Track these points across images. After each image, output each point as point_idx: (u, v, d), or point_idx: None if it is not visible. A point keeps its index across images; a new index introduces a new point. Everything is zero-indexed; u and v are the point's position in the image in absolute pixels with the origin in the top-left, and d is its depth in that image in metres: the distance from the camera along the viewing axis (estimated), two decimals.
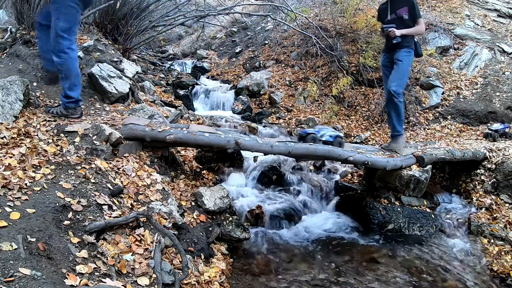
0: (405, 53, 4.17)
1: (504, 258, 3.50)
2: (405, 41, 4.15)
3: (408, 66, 4.24)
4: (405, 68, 4.19)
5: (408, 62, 4.23)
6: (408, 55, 4.19)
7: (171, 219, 2.66)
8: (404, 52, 4.17)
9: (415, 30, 4.18)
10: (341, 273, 3.13)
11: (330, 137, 4.02)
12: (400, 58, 4.19)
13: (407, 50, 4.17)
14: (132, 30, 6.43)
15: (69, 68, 3.21)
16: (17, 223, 1.86)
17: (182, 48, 12.42)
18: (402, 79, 4.26)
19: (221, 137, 3.38)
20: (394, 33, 4.09)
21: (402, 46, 4.16)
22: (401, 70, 4.19)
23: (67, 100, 3.26)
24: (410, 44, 4.18)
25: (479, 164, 4.70)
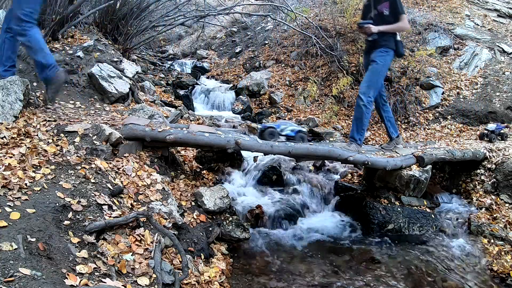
0: (381, 53, 3.84)
1: (504, 258, 3.50)
2: (383, 39, 3.82)
3: (383, 67, 3.89)
4: (378, 69, 3.86)
5: (383, 62, 3.86)
6: (384, 55, 3.85)
7: (171, 219, 2.66)
8: (380, 52, 3.84)
9: (395, 27, 3.80)
10: (341, 273, 3.13)
11: (292, 131, 3.82)
12: (375, 58, 3.86)
13: (384, 50, 3.84)
14: (132, 30, 6.43)
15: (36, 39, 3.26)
16: (17, 223, 1.86)
17: (182, 48, 12.42)
18: (373, 82, 3.88)
19: (221, 137, 3.38)
20: (370, 30, 3.76)
21: (380, 45, 3.84)
22: (373, 72, 3.86)
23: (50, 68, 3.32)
24: (389, 43, 3.83)
25: (479, 164, 4.70)
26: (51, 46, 4.50)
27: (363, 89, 3.86)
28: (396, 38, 3.88)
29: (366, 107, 3.85)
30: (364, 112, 3.86)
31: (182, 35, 13.65)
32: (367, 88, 3.85)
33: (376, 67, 3.85)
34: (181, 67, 9.86)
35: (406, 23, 3.88)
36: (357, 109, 3.91)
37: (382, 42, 3.82)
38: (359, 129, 3.96)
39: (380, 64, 3.85)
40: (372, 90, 3.87)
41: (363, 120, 3.90)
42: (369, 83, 3.87)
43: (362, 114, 3.86)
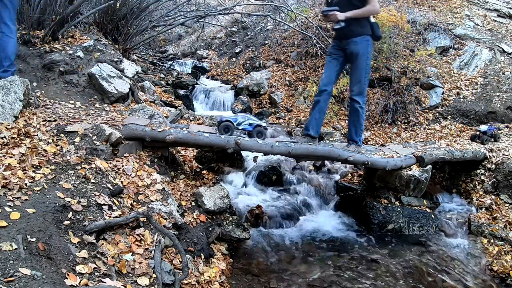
0: (360, 44, 3.52)
1: (504, 258, 3.50)
2: (358, 26, 3.48)
3: (368, 59, 3.62)
4: (363, 64, 3.60)
5: (367, 54, 3.58)
6: (365, 45, 3.55)
7: (171, 219, 2.66)
8: (359, 42, 3.52)
9: (364, 11, 3.43)
10: (341, 273, 3.13)
11: (250, 126, 3.64)
12: (356, 50, 3.53)
13: (363, 39, 3.53)
14: (132, 30, 6.43)
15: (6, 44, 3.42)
16: (17, 223, 1.86)
17: (182, 48, 12.42)
18: (363, 79, 3.66)
19: (221, 137, 3.38)
20: (336, 17, 3.42)
21: (356, 34, 3.50)
22: (360, 69, 3.60)
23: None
24: (365, 29, 3.51)
25: (479, 164, 4.70)
26: (51, 46, 4.50)
27: (355, 90, 3.68)
28: (371, 20, 3.57)
29: (362, 108, 3.74)
30: (360, 114, 3.75)
31: (182, 35, 13.65)
32: (359, 87, 3.68)
33: (361, 62, 3.59)
34: (181, 67, 9.85)
35: (375, 6, 3.49)
36: (354, 113, 3.78)
37: (358, 29, 3.49)
38: (357, 131, 3.86)
39: (365, 57, 3.58)
40: (364, 87, 3.70)
41: (360, 122, 3.80)
42: (359, 81, 3.66)
43: (359, 116, 3.76)
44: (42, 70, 4.24)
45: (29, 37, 4.51)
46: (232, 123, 3.56)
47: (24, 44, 4.47)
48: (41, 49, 4.41)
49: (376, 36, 3.62)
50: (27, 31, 4.62)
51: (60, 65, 4.31)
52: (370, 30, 3.54)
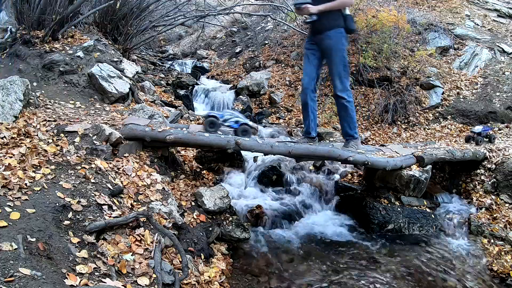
0: (333, 37, 3.42)
1: (504, 258, 3.50)
2: (330, 19, 3.38)
3: (342, 51, 3.52)
4: (339, 57, 3.50)
5: (341, 47, 3.49)
6: (339, 38, 3.45)
7: (171, 219, 2.66)
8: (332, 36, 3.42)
9: (337, 4, 3.34)
10: (341, 273, 3.13)
11: (236, 123, 3.57)
12: (330, 45, 3.43)
13: (336, 32, 3.42)
14: (132, 30, 6.43)
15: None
16: (17, 223, 1.86)
17: (182, 48, 12.41)
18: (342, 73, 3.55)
19: (221, 137, 3.38)
20: (308, 10, 3.32)
21: (328, 27, 3.41)
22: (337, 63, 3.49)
23: None
24: (338, 21, 3.41)
25: (479, 164, 4.70)
26: (51, 46, 4.50)
27: (338, 86, 3.57)
28: (344, 13, 3.46)
29: (350, 102, 3.64)
30: (349, 108, 3.65)
31: (182, 35, 13.65)
32: (341, 82, 3.56)
33: (337, 56, 3.49)
34: (181, 67, 9.84)
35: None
36: (342, 109, 3.68)
37: (331, 23, 3.39)
38: (351, 124, 3.76)
39: (339, 51, 3.48)
40: (346, 80, 3.59)
41: (351, 115, 3.69)
42: (339, 76, 3.55)
43: (348, 110, 3.66)
44: (42, 70, 4.24)
45: (29, 37, 4.51)
46: (218, 119, 3.48)
47: (24, 44, 4.47)
48: (41, 49, 4.41)
49: (349, 29, 3.51)
50: (27, 31, 4.62)
51: (60, 65, 4.31)
52: (343, 22, 3.44)
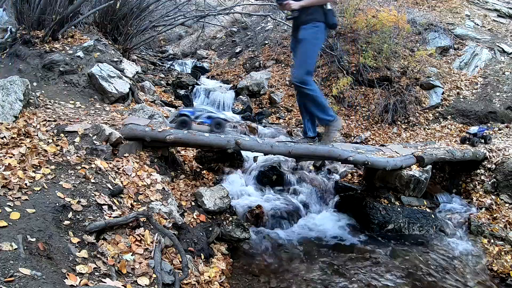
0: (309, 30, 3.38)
1: (504, 258, 3.50)
2: (307, 13, 3.35)
3: (313, 45, 3.46)
4: (307, 47, 3.42)
5: (314, 40, 3.42)
6: (313, 31, 3.38)
7: (171, 219, 2.66)
8: (307, 28, 3.37)
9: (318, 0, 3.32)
10: (341, 273, 3.13)
11: (208, 119, 3.47)
12: (302, 36, 3.41)
13: (313, 25, 3.36)
14: (132, 30, 6.42)
15: None
16: (17, 223, 1.86)
17: (182, 48, 12.41)
18: (306, 63, 3.46)
19: (221, 137, 3.38)
20: (290, 6, 3.32)
21: (305, 21, 3.37)
22: (303, 52, 3.43)
23: None
24: (316, 16, 3.35)
25: (479, 164, 4.71)
26: (51, 46, 4.50)
27: (298, 76, 3.44)
28: (325, 8, 3.39)
29: (310, 90, 3.47)
30: (314, 95, 3.50)
31: (182, 35, 13.65)
32: (301, 73, 3.44)
33: (305, 46, 3.41)
34: (181, 67, 9.84)
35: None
36: (307, 97, 3.53)
37: (307, 16, 3.36)
38: (324, 109, 3.61)
39: (310, 41, 3.40)
40: (307, 71, 3.46)
41: (319, 101, 3.56)
42: (301, 66, 3.46)
43: (314, 97, 3.52)
44: (42, 70, 4.24)
45: (29, 37, 4.51)
46: (189, 117, 3.39)
47: (24, 44, 4.47)
48: (41, 49, 4.41)
49: (329, 24, 3.44)
50: (27, 31, 4.62)
51: (60, 65, 4.31)
52: (324, 17, 3.38)
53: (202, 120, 3.46)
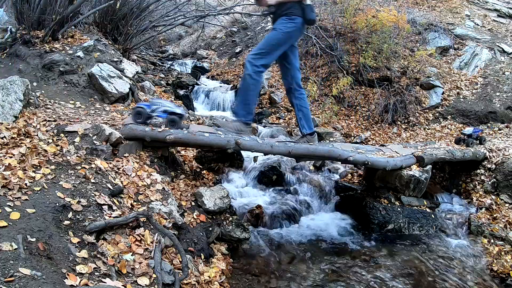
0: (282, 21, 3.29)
1: (504, 258, 3.50)
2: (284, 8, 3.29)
3: (283, 34, 3.29)
4: (275, 36, 3.29)
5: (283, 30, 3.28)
6: (286, 22, 3.28)
7: (171, 219, 2.66)
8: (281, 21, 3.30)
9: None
10: (341, 273, 3.13)
11: (164, 113, 3.34)
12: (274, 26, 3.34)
13: (288, 18, 3.27)
14: (132, 30, 6.42)
15: None
16: (17, 223, 1.86)
17: (182, 48, 12.41)
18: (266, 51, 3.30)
19: (221, 137, 3.38)
20: (266, 2, 3.31)
21: (280, 15, 3.31)
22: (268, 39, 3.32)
23: None
24: (293, 10, 3.27)
25: (479, 164, 4.71)
26: (51, 46, 4.50)
27: (250, 56, 3.32)
28: (304, 3, 3.30)
29: (251, 78, 3.30)
30: (249, 84, 3.31)
31: (182, 35, 13.65)
32: (255, 55, 3.30)
33: (272, 34, 3.31)
34: (181, 67, 9.84)
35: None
36: (242, 80, 3.39)
37: (284, 11, 3.28)
38: (244, 103, 3.45)
39: (279, 31, 3.28)
40: (263, 59, 3.31)
41: (248, 93, 3.37)
42: (260, 50, 3.31)
43: (247, 85, 3.34)
44: (42, 70, 4.24)
45: (29, 37, 4.51)
46: (145, 110, 3.30)
47: (24, 44, 4.47)
48: (41, 49, 4.41)
49: (307, 19, 3.32)
50: (27, 31, 4.62)
51: (60, 65, 4.31)
52: (301, 11, 3.29)
53: (158, 114, 3.34)
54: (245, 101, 3.44)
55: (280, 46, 3.35)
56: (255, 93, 3.42)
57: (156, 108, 3.32)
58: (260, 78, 3.38)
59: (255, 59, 3.30)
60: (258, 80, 3.36)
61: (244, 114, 3.47)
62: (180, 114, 3.34)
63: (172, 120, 3.28)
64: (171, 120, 3.28)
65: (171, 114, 3.30)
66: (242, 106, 3.47)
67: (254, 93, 3.41)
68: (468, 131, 5.16)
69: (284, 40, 3.34)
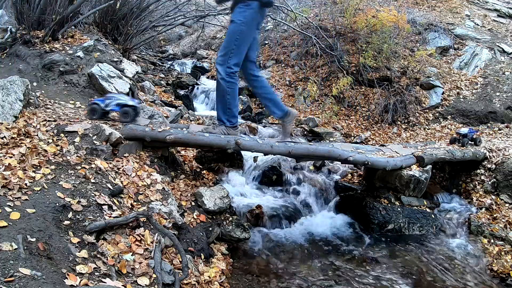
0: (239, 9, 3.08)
1: (504, 258, 3.50)
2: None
3: (240, 26, 3.07)
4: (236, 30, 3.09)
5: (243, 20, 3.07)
6: (243, 11, 3.06)
7: (171, 219, 2.66)
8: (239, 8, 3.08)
9: None
10: (341, 273, 3.13)
11: (117, 106, 3.31)
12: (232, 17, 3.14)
13: (243, 5, 3.06)
14: (132, 30, 6.42)
15: None
16: (17, 223, 1.86)
17: (182, 48, 12.41)
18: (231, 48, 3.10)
19: (221, 137, 3.38)
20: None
21: (235, 4, 3.12)
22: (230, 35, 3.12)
23: None
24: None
25: (479, 164, 4.71)
26: (51, 46, 4.50)
27: (219, 59, 3.16)
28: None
29: (225, 81, 3.15)
30: (225, 88, 3.17)
31: (182, 35, 13.64)
32: (224, 56, 3.13)
33: (232, 27, 3.10)
34: (181, 67, 9.84)
35: None
36: (217, 86, 3.23)
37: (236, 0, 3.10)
38: (224, 108, 3.29)
39: (238, 22, 3.07)
40: (232, 58, 3.12)
41: (226, 98, 3.21)
42: (226, 50, 3.12)
43: (223, 90, 3.19)
44: (42, 70, 4.24)
45: (29, 37, 4.51)
46: (99, 105, 3.29)
47: (24, 44, 4.47)
48: (41, 49, 4.41)
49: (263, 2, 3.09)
50: (27, 31, 4.62)
51: (60, 65, 4.31)
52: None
53: (112, 108, 3.33)
54: (224, 107, 3.28)
55: (245, 38, 3.14)
56: (233, 96, 3.23)
57: (110, 102, 3.32)
58: (234, 79, 3.20)
59: (224, 60, 3.13)
60: (233, 81, 3.19)
61: (229, 119, 3.34)
62: (134, 106, 3.33)
63: (125, 112, 3.28)
64: (124, 112, 3.29)
65: (124, 107, 3.29)
66: (223, 112, 3.32)
67: (233, 96, 3.23)
68: (464, 131, 5.09)
69: (246, 30, 3.12)
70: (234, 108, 3.31)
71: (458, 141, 5.07)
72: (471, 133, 5.07)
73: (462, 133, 5.05)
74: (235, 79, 3.20)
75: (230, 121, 3.33)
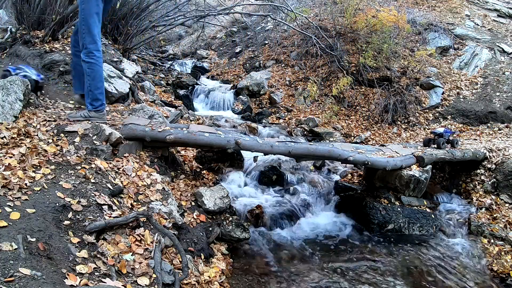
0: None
1: (504, 258, 3.50)
2: None
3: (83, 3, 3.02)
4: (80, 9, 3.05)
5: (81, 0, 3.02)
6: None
7: (171, 219, 2.66)
8: None
9: None
10: (340, 273, 3.13)
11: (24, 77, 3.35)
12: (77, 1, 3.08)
13: None
14: (132, 30, 6.43)
15: None
16: (17, 223, 1.86)
17: (182, 48, 12.41)
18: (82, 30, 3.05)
19: (221, 137, 3.38)
20: None
21: None
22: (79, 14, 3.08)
23: None
24: None
25: (479, 164, 4.71)
26: (51, 46, 4.50)
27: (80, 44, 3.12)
28: None
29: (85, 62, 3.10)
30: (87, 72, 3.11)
31: (182, 35, 13.65)
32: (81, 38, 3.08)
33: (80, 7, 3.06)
34: (181, 67, 9.85)
35: None
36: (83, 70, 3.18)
37: None
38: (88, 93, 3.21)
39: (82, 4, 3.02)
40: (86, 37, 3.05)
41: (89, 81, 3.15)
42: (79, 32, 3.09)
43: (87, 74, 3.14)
44: (42, 70, 4.24)
45: (29, 37, 4.51)
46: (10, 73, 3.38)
47: (24, 44, 4.47)
48: (41, 49, 4.41)
49: None
50: (27, 31, 4.62)
51: (60, 65, 4.31)
52: None
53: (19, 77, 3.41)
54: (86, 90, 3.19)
55: (92, 15, 3.05)
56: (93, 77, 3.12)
57: (19, 72, 3.47)
58: (94, 59, 3.09)
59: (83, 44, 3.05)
60: (92, 62, 3.08)
61: (90, 102, 3.21)
62: (36, 80, 3.54)
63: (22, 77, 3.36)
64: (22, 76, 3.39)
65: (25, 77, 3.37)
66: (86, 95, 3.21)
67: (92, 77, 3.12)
68: (439, 130, 4.91)
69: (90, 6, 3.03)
70: (96, 90, 3.18)
71: (433, 142, 4.87)
72: (447, 133, 4.88)
73: (438, 132, 4.87)
74: (94, 59, 3.11)
75: (92, 104, 3.21)
